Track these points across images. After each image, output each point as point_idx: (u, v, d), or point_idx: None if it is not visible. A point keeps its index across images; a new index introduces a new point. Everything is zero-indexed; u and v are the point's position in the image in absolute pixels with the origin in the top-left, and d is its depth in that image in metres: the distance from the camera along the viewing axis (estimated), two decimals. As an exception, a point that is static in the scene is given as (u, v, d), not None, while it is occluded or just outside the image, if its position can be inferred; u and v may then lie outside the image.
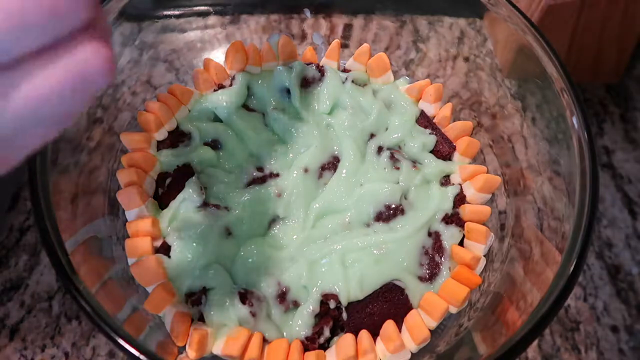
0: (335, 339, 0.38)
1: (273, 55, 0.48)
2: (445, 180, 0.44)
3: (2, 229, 0.49)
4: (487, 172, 0.43)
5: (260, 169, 0.43)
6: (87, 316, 0.29)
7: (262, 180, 0.42)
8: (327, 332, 0.37)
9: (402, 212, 0.41)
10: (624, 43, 0.54)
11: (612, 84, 0.59)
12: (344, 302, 0.38)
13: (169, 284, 0.37)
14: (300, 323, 0.37)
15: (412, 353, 0.37)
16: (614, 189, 0.53)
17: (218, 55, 0.49)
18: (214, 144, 0.44)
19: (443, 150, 0.45)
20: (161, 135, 0.44)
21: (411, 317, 0.38)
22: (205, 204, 0.40)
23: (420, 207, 0.41)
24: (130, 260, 0.38)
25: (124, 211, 0.40)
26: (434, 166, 0.43)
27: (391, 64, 0.48)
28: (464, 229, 0.41)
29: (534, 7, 0.50)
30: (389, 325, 0.37)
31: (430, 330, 0.37)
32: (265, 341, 0.37)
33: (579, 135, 0.35)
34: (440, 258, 0.40)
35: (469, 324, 0.37)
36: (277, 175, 0.43)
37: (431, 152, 0.45)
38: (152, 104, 0.44)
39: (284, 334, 0.37)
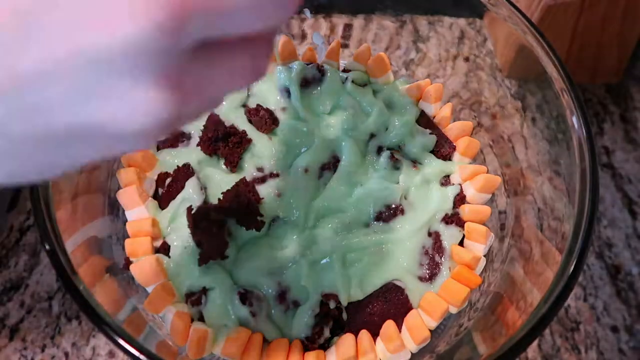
0: (335, 339, 0.38)
1: (273, 56, 0.48)
2: (445, 180, 0.44)
3: (2, 228, 0.49)
4: (487, 172, 0.43)
5: (260, 169, 0.43)
6: (87, 316, 0.30)
7: (262, 180, 0.42)
8: (327, 332, 0.37)
9: (402, 212, 0.41)
10: (624, 43, 0.54)
11: (612, 84, 0.59)
12: (344, 302, 0.38)
13: (169, 284, 0.37)
14: (300, 323, 0.37)
15: (412, 353, 0.37)
16: (614, 189, 0.53)
17: (218, 55, 0.48)
18: (214, 144, 0.44)
19: (443, 150, 0.45)
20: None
21: (411, 317, 0.38)
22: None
23: (420, 207, 0.41)
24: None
25: (124, 211, 0.40)
26: (434, 166, 0.43)
27: (391, 64, 0.48)
28: (464, 229, 0.41)
29: (534, 7, 0.50)
30: (389, 325, 0.37)
31: (430, 330, 0.37)
32: (265, 341, 0.37)
33: (579, 135, 0.35)
34: (440, 258, 0.40)
35: (469, 324, 0.37)
36: (277, 175, 0.42)
37: (431, 152, 0.45)
38: (152, 104, 0.43)
39: (284, 334, 0.37)
